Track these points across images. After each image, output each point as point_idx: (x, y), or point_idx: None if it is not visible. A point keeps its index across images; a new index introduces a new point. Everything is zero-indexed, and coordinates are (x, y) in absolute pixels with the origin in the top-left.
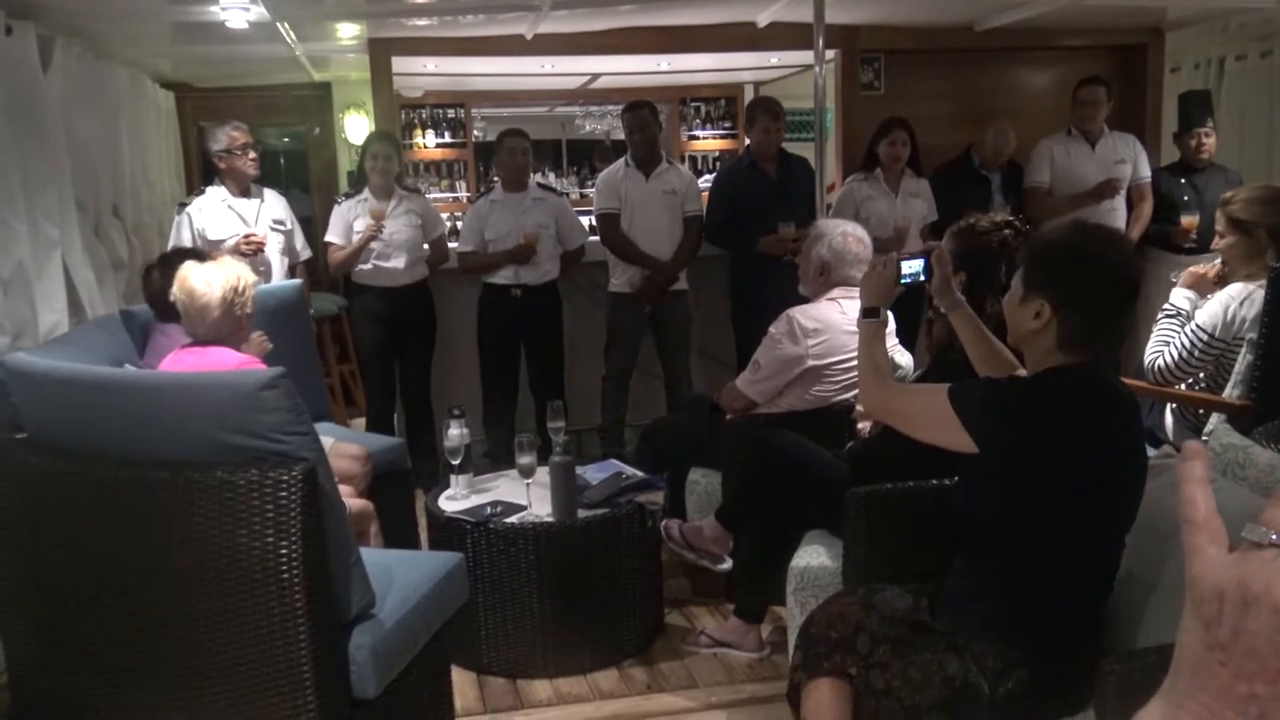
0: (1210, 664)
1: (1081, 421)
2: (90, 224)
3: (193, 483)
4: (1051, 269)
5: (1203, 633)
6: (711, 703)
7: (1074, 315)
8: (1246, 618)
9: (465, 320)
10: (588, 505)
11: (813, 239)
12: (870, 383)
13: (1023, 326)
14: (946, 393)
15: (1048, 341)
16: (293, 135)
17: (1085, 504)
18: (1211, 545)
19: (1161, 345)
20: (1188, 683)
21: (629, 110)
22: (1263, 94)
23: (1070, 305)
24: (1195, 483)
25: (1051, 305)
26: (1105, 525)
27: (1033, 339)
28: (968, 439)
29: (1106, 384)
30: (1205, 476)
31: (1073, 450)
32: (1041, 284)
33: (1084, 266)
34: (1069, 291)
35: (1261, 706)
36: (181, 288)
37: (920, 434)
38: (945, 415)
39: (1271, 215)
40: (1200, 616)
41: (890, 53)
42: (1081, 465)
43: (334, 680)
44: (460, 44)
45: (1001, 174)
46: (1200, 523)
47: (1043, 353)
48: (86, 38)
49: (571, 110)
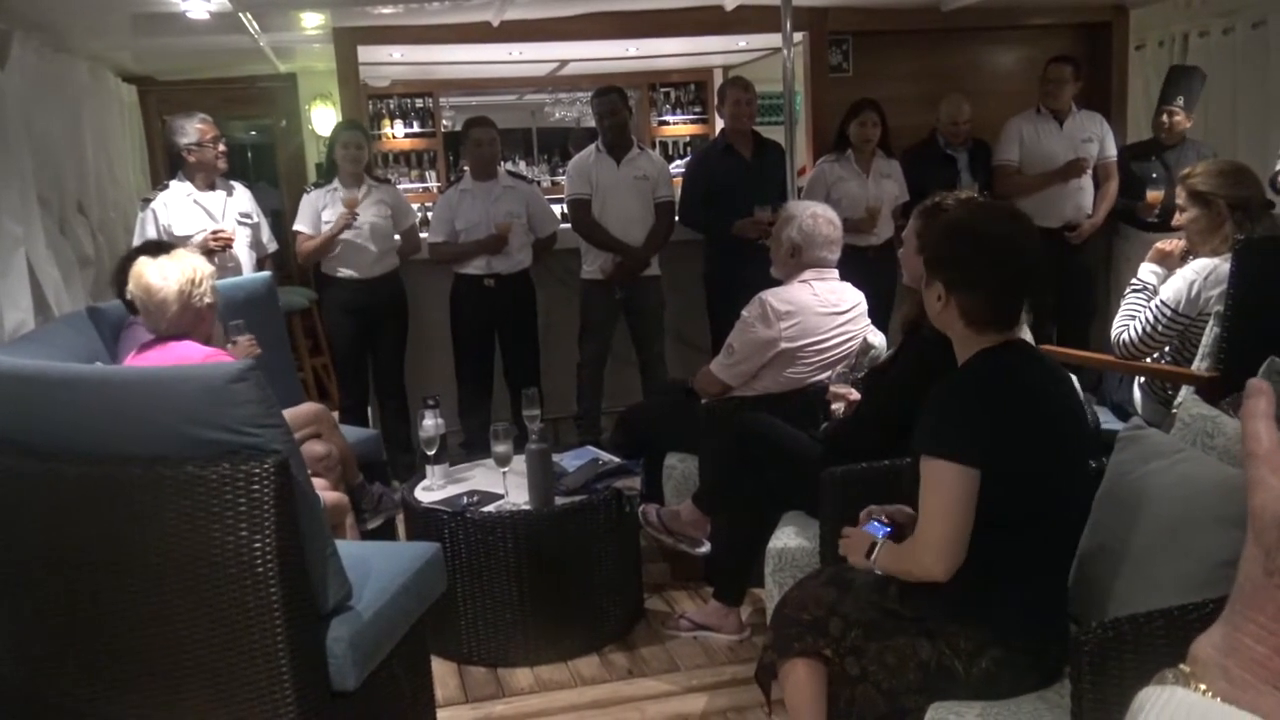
0: (1269, 588)
1: (1026, 400)
2: (54, 221)
3: (163, 478)
4: (940, 251)
5: (1263, 559)
6: (692, 685)
7: (968, 295)
8: None
9: (438, 311)
10: (565, 492)
11: (783, 221)
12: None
13: (934, 311)
14: (925, 456)
15: (957, 324)
16: (259, 128)
17: (1041, 479)
18: (1273, 476)
19: (1128, 319)
20: (1246, 605)
21: (598, 96)
22: (1226, 69)
23: (961, 285)
24: (1260, 418)
25: (945, 286)
26: (1063, 497)
27: (946, 323)
28: (976, 476)
29: (1035, 358)
30: (1270, 412)
31: (1023, 429)
32: (935, 266)
33: (968, 245)
34: (957, 272)
35: None
36: (137, 284)
37: (960, 517)
38: (953, 476)
39: (1231, 187)
40: (1261, 544)
41: (858, 34)
42: (1033, 442)
43: (312, 673)
44: (426, 32)
45: (969, 153)
46: (1263, 456)
47: (961, 338)
48: (46, 31)
49: (541, 98)
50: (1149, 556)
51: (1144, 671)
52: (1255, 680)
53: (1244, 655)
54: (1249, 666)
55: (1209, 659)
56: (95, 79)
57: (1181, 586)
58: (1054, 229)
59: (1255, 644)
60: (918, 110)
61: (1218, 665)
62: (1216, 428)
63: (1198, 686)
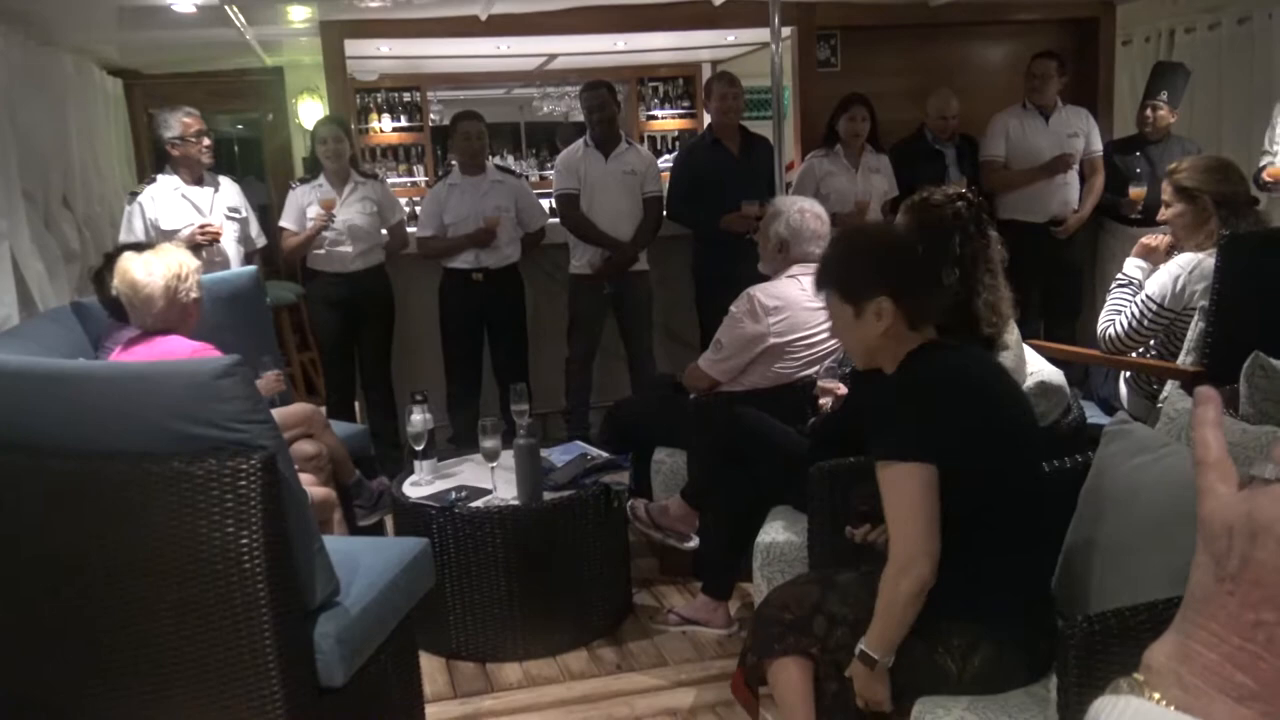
0: (1219, 595)
1: (967, 387)
2: (40, 215)
3: (150, 474)
4: (870, 270)
5: (1213, 567)
6: (681, 680)
7: (912, 299)
8: (1254, 549)
9: (427, 305)
10: (553, 487)
11: (770, 216)
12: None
13: (871, 337)
14: (881, 464)
15: (900, 330)
16: (246, 122)
17: (999, 462)
18: (1222, 484)
19: (1113, 314)
20: (1198, 613)
21: (587, 90)
22: (1212, 65)
23: (907, 291)
24: (1208, 425)
25: (891, 297)
26: (1026, 477)
27: (885, 341)
28: (932, 469)
29: (956, 347)
30: (1218, 420)
31: (969, 414)
32: (868, 288)
33: (902, 254)
34: (897, 278)
35: (1268, 632)
36: (123, 280)
37: (927, 513)
38: (910, 475)
39: (1216, 183)
40: (1211, 551)
41: (846, 29)
42: (982, 425)
43: (300, 669)
44: (414, 26)
45: (956, 148)
46: (1212, 463)
47: (899, 345)
48: (30, 24)
49: (529, 92)
50: (1135, 551)
51: (1130, 666)
52: (1208, 688)
53: (1197, 663)
54: (1202, 674)
55: (1162, 667)
56: (80, 72)
57: (1167, 581)
58: (1040, 224)
59: (1207, 651)
60: (906, 105)
61: (1172, 673)
62: None
63: (1152, 695)
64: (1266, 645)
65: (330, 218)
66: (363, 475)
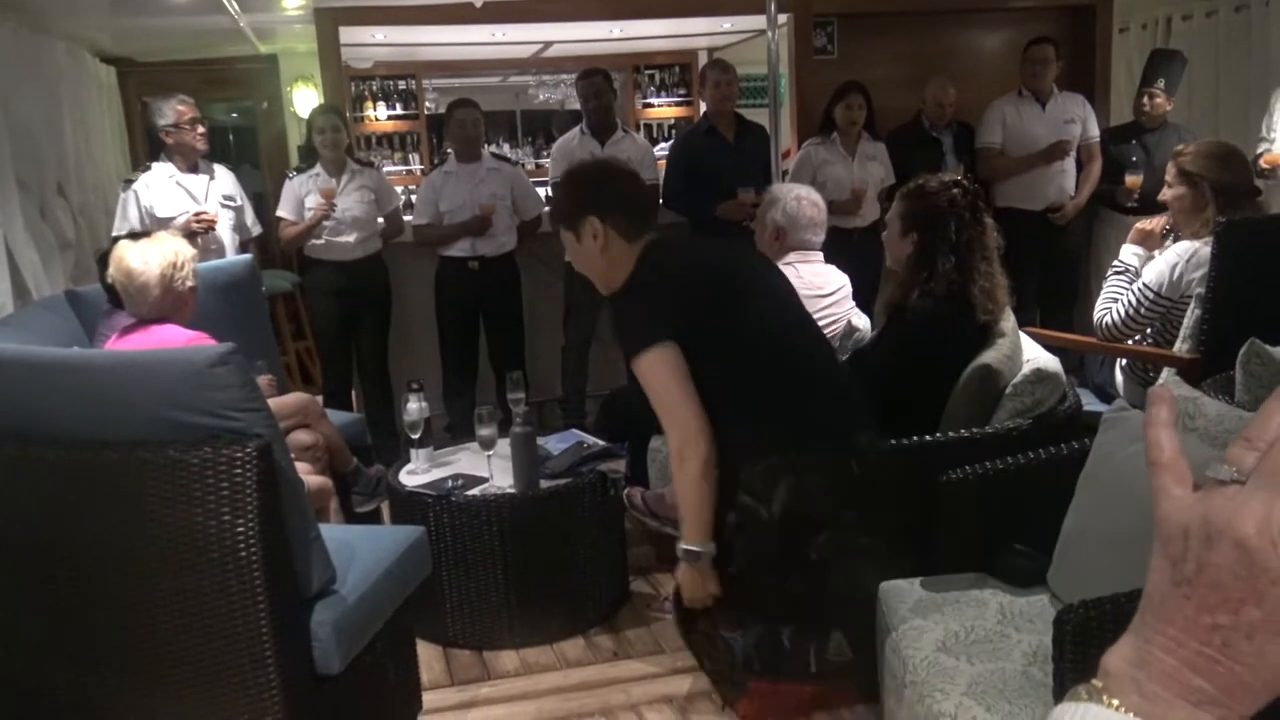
0: (1176, 598)
1: (692, 262)
2: (34, 204)
3: (145, 463)
4: (573, 197)
5: (1169, 570)
6: (678, 667)
7: (619, 215)
8: (1210, 552)
9: (423, 294)
10: (550, 476)
11: (767, 204)
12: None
13: (595, 256)
14: (631, 363)
15: (619, 246)
16: (241, 110)
17: (740, 318)
18: (1176, 486)
19: (1110, 302)
20: (1155, 617)
21: (583, 78)
22: (1209, 53)
23: (605, 207)
24: (1161, 426)
25: (597, 216)
26: (766, 323)
27: (611, 260)
28: (673, 347)
29: (688, 239)
30: (1171, 420)
31: (700, 285)
32: (577, 211)
33: (596, 178)
34: (594, 198)
35: (1224, 635)
36: (118, 268)
37: (684, 389)
38: (656, 360)
39: (1217, 170)
40: (1167, 554)
41: (843, 16)
42: (716, 290)
43: (296, 657)
44: (408, 13)
45: (953, 135)
46: (1166, 464)
47: (626, 260)
48: (22, 11)
49: (525, 80)
50: (1130, 537)
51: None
52: (1167, 694)
53: (1155, 668)
54: (1160, 679)
55: (1120, 672)
56: (73, 60)
57: None
58: (1037, 211)
59: (1165, 655)
60: (902, 93)
61: (1130, 679)
62: (1197, 409)
63: (1110, 701)
64: (1223, 649)
65: (331, 206)
66: (360, 464)
